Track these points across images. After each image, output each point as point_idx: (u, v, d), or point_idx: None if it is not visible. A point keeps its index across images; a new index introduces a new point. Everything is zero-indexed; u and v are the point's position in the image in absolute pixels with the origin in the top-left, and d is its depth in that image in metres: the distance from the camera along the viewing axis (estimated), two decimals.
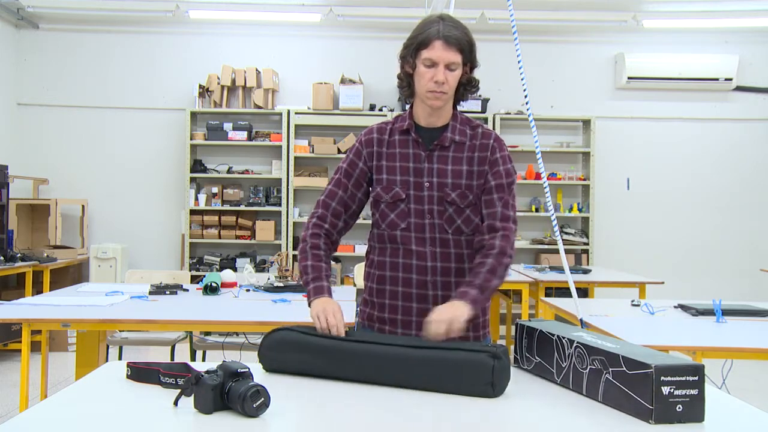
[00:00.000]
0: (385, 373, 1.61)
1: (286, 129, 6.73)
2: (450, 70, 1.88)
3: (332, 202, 2.04)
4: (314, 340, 1.70)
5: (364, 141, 2.04)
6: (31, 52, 6.95)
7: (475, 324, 2.02)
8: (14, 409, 4.01)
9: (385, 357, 1.61)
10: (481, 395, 1.54)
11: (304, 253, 2.00)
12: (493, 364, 1.54)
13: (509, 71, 6.29)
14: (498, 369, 1.54)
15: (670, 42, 7.04)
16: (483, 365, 1.54)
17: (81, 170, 6.94)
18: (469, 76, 1.96)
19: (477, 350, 1.57)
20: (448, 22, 1.90)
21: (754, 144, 7.14)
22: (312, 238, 2.02)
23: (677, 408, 1.35)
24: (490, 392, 1.54)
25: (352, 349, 1.66)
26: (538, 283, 4.75)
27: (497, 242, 1.90)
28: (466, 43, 1.89)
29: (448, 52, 1.86)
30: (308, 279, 1.95)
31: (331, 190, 2.06)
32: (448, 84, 1.89)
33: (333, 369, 1.66)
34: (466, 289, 1.82)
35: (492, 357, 1.55)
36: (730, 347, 2.56)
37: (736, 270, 7.00)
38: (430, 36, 1.87)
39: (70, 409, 1.43)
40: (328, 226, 2.03)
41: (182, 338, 4.09)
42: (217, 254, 6.85)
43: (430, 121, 1.99)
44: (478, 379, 1.54)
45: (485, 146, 1.98)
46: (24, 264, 5.53)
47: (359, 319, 2.16)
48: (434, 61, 1.87)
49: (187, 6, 6.56)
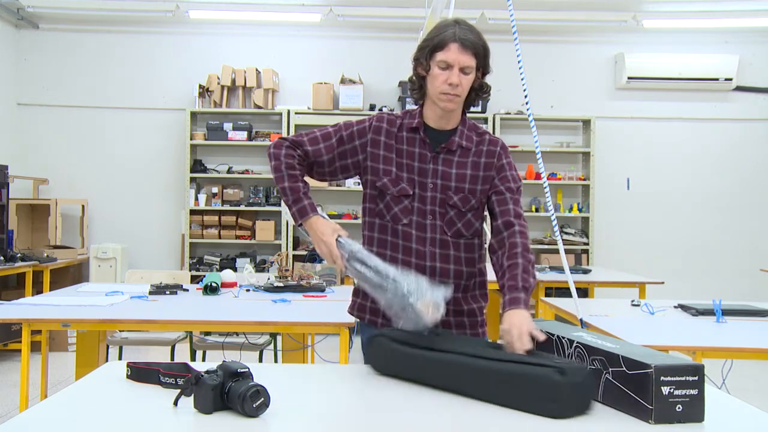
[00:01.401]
0: (459, 384, 1.57)
1: (286, 129, 6.73)
2: (464, 74, 1.89)
3: (308, 146, 2.00)
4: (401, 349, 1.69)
5: (374, 127, 2.01)
6: (31, 52, 6.96)
7: (472, 322, 2.03)
8: (14, 409, 4.01)
9: (459, 366, 1.56)
10: (546, 414, 1.40)
11: (279, 173, 1.96)
12: (557, 381, 1.39)
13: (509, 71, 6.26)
14: (564, 385, 1.39)
15: (670, 42, 7.04)
16: (547, 380, 1.41)
17: (81, 170, 6.94)
18: (481, 81, 1.98)
19: (545, 365, 1.44)
20: (464, 26, 1.91)
21: (754, 144, 7.14)
22: (287, 158, 1.97)
23: (677, 408, 1.35)
24: (554, 410, 1.39)
25: (433, 358, 1.62)
26: (538, 283, 4.75)
27: (518, 240, 1.91)
28: (481, 48, 1.90)
29: (464, 55, 1.87)
30: (289, 203, 1.93)
31: (315, 138, 2.01)
32: (462, 87, 1.90)
33: (419, 376, 1.65)
34: (516, 294, 1.81)
35: (559, 372, 1.40)
36: (730, 347, 2.55)
37: (736, 270, 7.00)
38: (446, 38, 1.88)
39: (70, 409, 1.43)
40: (300, 152, 1.99)
41: (182, 338, 4.09)
42: (217, 254, 6.85)
43: (440, 124, 1.99)
44: (541, 395, 1.41)
45: (492, 153, 2.00)
46: (24, 264, 5.53)
47: (349, 310, 2.15)
48: (449, 63, 1.88)
49: (187, 6, 6.56)
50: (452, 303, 1.94)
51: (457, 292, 2.00)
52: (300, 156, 1.99)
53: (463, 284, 2.02)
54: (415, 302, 1.66)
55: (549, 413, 1.39)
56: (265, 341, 3.97)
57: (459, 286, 2.01)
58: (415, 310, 1.66)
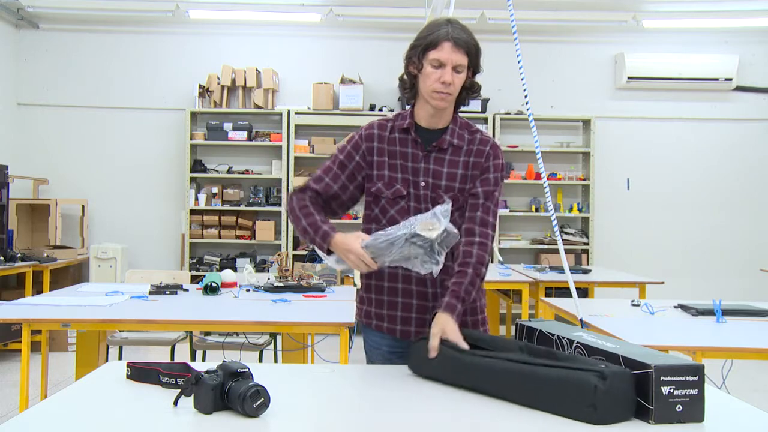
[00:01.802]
0: (494, 386, 1.55)
1: (286, 129, 6.73)
2: (456, 72, 1.90)
3: (314, 185, 2.03)
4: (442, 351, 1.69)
5: (365, 135, 2.04)
6: (31, 52, 6.96)
7: (474, 320, 2.04)
8: (14, 409, 4.01)
9: (492, 370, 1.55)
10: (583, 419, 1.36)
11: (296, 217, 1.97)
12: (595, 384, 1.34)
13: (509, 71, 6.28)
14: (602, 391, 1.34)
15: (670, 42, 7.04)
16: (585, 384, 1.36)
17: (81, 170, 6.95)
18: (472, 80, 1.98)
19: (584, 369, 1.39)
20: (456, 25, 1.92)
21: (754, 144, 7.14)
22: (298, 202, 1.99)
23: (677, 408, 1.35)
24: (592, 416, 1.35)
25: (469, 361, 1.62)
26: (538, 283, 4.75)
27: (475, 250, 1.90)
28: (473, 47, 1.92)
29: (457, 54, 1.88)
30: (312, 237, 1.92)
31: (319, 177, 2.04)
32: (454, 85, 1.91)
33: (453, 378, 1.65)
34: (454, 302, 1.82)
35: (599, 376, 1.35)
36: (730, 347, 2.55)
37: (736, 270, 7.01)
38: (439, 37, 1.89)
39: (70, 409, 1.43)
40: (310, 193, 2.01)
41: (182, 338, 4.09)
42: (217, 254, 6.85)
43: (431, 123, 2.01)
44: (579, 399, 1.37)
45: (481, 152, 2.00)
46: (24, 264, 5.53)
47: (357, 314, 2.16)
48: (442, 62, 1.89)
49: (187, 6, 6.56)
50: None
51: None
52: (311, 196, 2.01)
53: None
54: (415, 227, 1.70)
55: (586, 419, 1.35)
56: (265, 341, 3.97)
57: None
58: (421, 238, 1.70)
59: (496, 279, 4.79)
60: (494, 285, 4.88)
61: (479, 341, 1.72)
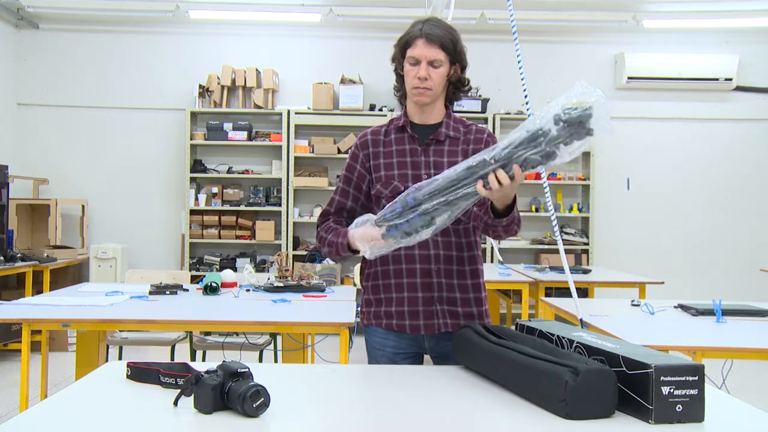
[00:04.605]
0: (495, 372, 1.60)
1: (286, 129, 6.73)
2: (433, 67, 1.95)
3: (331, 207, 2.12)
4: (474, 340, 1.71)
5: (360, 144, 2.11)
6: (31, 52, 6.96)
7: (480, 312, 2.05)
8: (14, 409, 4.01)
9: (495, 356, 1.59)
10: (555, 413, 1.37)
11: (322, 241, 2.04)
12: (566, 380, 1.33)
13: (509, 71, 6.29)
14: (573, 387, 1.32)
15: (670, 42, 7.05)
16: (557, 378, 1.35)
17: (81, 170, 6.95)
18: (459, 75, 2.01)
19: (562, 364, 1.38)
20: (431, 22, 1.98)
21: (754, 144, 7.14)
22: (323, 230, 2.07)
23: (677, 408, 1.35)
24: (562, 411, 1.35)
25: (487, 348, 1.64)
26: (538, 283, 4.75)
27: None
28: (448, 41, 1.95)
29: (430, 49, 1.94)
30: (339, 247, 1.95)
31: (331, 199, 2.14)
32: (432, 80, 1.95)
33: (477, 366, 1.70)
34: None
35: (572, 372, 1.34)
36: (730, 347, 2.55)
37: (736, 270, 7.01)
38: (413, 35, 1.97)
39: (70, 409, 1.43)
40: (331, 217, 2.11)
41: (182, 338, 4.09)
42: (217, 254, 6.85)
43: (422, 119, 2.06)
44: (552, 393, 1.37)
45: (479, 140, 2.06)
46: (24, 264, 5.53)
47: (361, 319, 2.17)
48: (417, 58, 1.95)
49: (187, 6, 6.56)
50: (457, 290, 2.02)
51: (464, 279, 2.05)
52: (334, 220, 2.09)
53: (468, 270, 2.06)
54: (556, 108, 1.73)
55: (557, 412, 1.37)
56: (265, 341, 3.97)
57: (464, 273, 2.05)
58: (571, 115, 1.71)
59: (496, 279, 4.80)
60: (494, 285, 4.88)
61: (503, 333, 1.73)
